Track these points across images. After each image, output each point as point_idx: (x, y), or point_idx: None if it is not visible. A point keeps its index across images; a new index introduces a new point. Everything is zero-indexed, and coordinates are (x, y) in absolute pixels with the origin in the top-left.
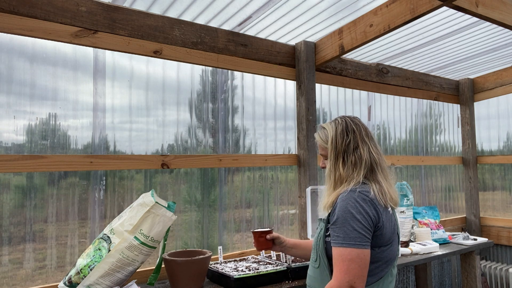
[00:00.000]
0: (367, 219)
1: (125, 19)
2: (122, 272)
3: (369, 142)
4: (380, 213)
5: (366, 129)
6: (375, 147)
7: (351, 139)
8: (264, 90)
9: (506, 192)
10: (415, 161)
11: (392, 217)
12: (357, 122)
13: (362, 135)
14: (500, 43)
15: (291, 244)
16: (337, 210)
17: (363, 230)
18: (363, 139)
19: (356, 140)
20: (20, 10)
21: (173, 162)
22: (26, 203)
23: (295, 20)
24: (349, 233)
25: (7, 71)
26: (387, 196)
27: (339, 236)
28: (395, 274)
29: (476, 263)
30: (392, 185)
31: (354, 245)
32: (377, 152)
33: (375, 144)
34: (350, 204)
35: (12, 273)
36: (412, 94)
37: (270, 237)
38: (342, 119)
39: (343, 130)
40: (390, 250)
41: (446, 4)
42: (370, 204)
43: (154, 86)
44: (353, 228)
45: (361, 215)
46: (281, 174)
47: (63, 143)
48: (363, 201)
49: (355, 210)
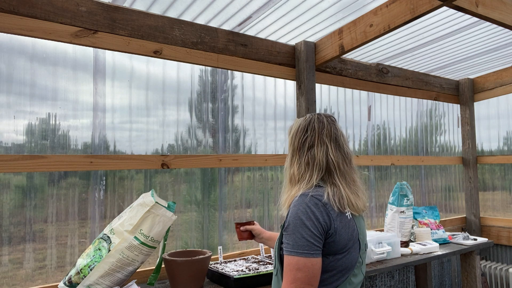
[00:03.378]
0: (317, 226)
1: (125, 19)
2: (122, 272)
3: (329, 142)
4: (333, 219)
5: (331, 130)
6: (336, 150)
7: (307, 137)
8: (264, 90)
9: (506, 192)
10: (415, 161)
11: (351, 223)
12: (323, 120)
13: (322, 134)
14: (500, 43)
15: (267, 237)
16: (289, 216)
17: (312, 238)
18: (321, 139)
19: (313, 139)
20: (20, 10)
21: (173, 162)
22: (26, 203)
23: (295, 20)
24: (298, 241)
25: (7, 71)
26: (344, 201)
27: (289, 243)
28: (358, 282)
29: (476, 263)
30: (355, 191)
31: (301, 253)
32: (338, 155)
33: (339, 146)
34: (301, 210)
35: (12, 273)
36: (412, 94)
37: (243, 228)
38: (311, 115)
39: (305, 126)
40: (347, 259)
41: (446, 4)
42: (323, 209)
43: (154, 86)
44: (301, 235)
45: (311, 222)
46: (281, 174)
47: (63, 143)
48: (314, 206)
49: (305, 217)
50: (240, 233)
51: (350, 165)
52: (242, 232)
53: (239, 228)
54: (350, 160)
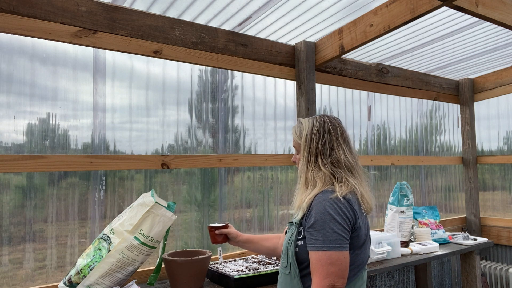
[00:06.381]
0: (345, 220)
1: (125, 19)
2: (122, 272)
3: (344, 145)
4: (357, 214)
5: (343, 132)
6: (350, 152)
7: (326, 139)
8: (264, 90)
9: (506, 192)
10: (415, 161)
11: (367, 220)
12: (335, 123)
13: (338, 137)
14: (500, 43)
15: (245, 239)
16: (314, 212)
17: (342, 232)
18: (338, 141)
19: (332, 141)
20: (20, 10)
21: (173, 162)
22: (26, 203)
23: (295, 20)
24: (329, 236)
25: (7, 71)
26: (363, 199)
27: (317, 239)
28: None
29: (476, 263)
30: (367, 191)
31: (334, 248)
32: (352, 156)
33: (350, 148)
34: (328, 205)
35: (12, 273)
36: (412, 94)
37: (218, 232)
38: (321, 118)
39: (320, 129)
40: (364, 254)
41: (446, 4)
42: (348, 205)
43: (154, 86)
44: (332, 230)
45: (340, 216)
46: (281, 174)
47: (63, 143)
48: (340, 202)
49: (334, 211)
50: (214, 236)
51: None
52: (217, 236)
53: (214, 231)
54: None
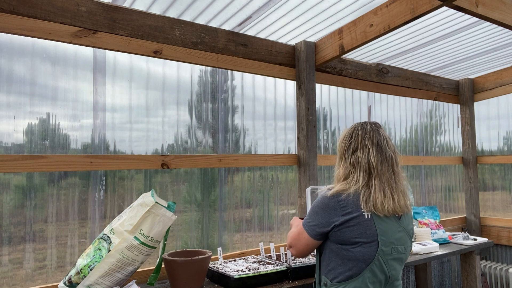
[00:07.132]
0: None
1: (125, 19)
2: (122, 272)
3: (371, 146)
4: (346, 213)
5: (373, 135)
6: (377, 153)
7: (351, 142)
8: (264, 90)
9: (506, 192)
10: (415, 161)
11: (367, 222)
12: (366, 127)
13: (364, 139)
14: (500, 43)
15: None
16: None
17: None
18: (363, 143)
19: (357, 143)
20: (20, 10)
21: (173, 162)
22: (26, 203)
23: (295, 20)
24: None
25: (7, 71)
26: (370, 202)
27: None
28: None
29: (476, 263)
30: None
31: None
32: (378, 157)
33: (380, 149)
34: (318, 199)
35: (12, 273)
36: (412, 94)
37: None
38: (357, 124)
39: (350, 133)
40: (359, 252)
41: (446, 4)
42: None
43: (154, 86)
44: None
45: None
46: (281, 174)
47: (63, 143)
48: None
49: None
50: None
51: (391, 168)
52: None
53: None
54: (393, 163)
